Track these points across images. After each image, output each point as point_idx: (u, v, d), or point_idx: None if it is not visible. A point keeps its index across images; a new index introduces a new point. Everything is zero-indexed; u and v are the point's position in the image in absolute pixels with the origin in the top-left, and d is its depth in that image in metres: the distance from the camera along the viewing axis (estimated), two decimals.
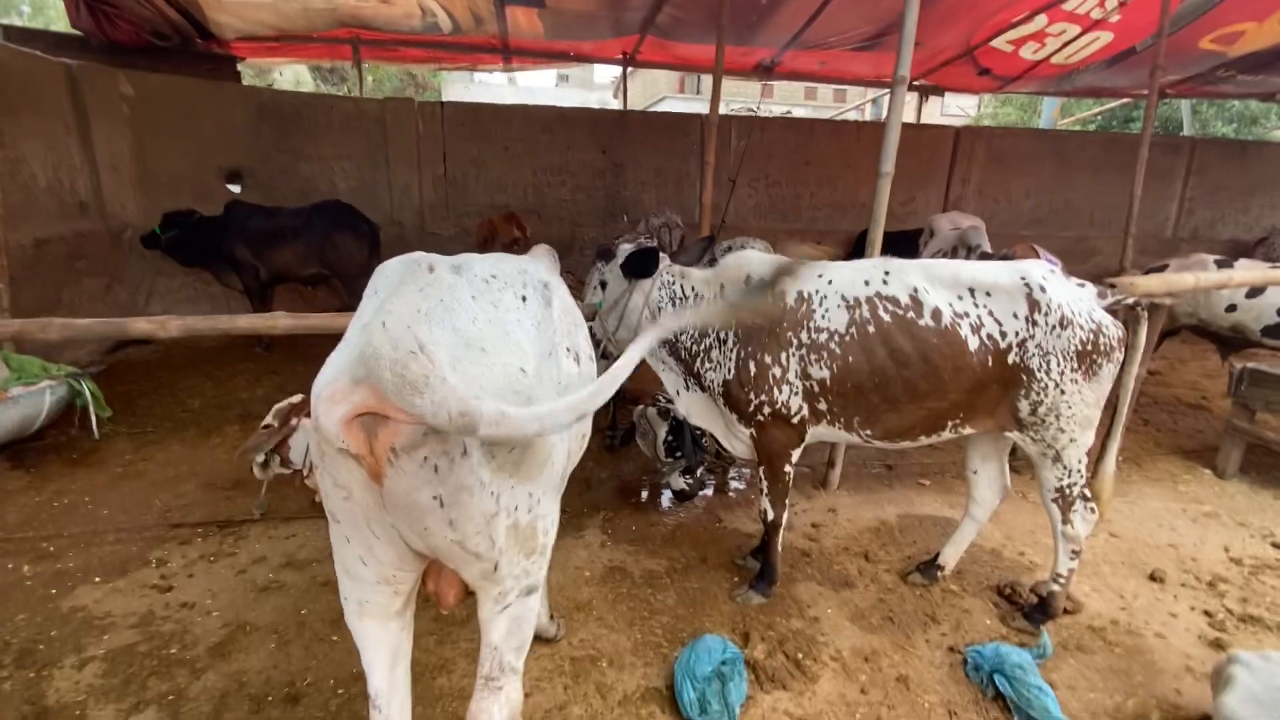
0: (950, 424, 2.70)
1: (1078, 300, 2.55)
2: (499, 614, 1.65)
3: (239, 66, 8.57)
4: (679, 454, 3.83)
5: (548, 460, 1.64)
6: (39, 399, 3.98)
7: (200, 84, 7.47)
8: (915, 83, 9.46)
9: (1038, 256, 4.72)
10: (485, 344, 1.48)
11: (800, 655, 2.67)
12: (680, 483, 3.88)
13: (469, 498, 1.44)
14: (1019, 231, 9.16)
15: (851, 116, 15.75)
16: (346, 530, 1.52)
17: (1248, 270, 4.36)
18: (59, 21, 10.87)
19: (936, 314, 2.56)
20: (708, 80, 5.52)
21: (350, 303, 6.39)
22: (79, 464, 4.18)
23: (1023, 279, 2.56)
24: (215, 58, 8.02)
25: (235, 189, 7.69)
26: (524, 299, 1.71)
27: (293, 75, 22.07)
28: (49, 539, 3.36)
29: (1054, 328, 2.50)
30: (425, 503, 1.42)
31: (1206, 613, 3.04)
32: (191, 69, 7.62)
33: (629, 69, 9.30)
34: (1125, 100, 10.99)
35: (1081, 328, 2.50)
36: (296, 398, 3.65)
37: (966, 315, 2.56)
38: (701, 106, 6.14)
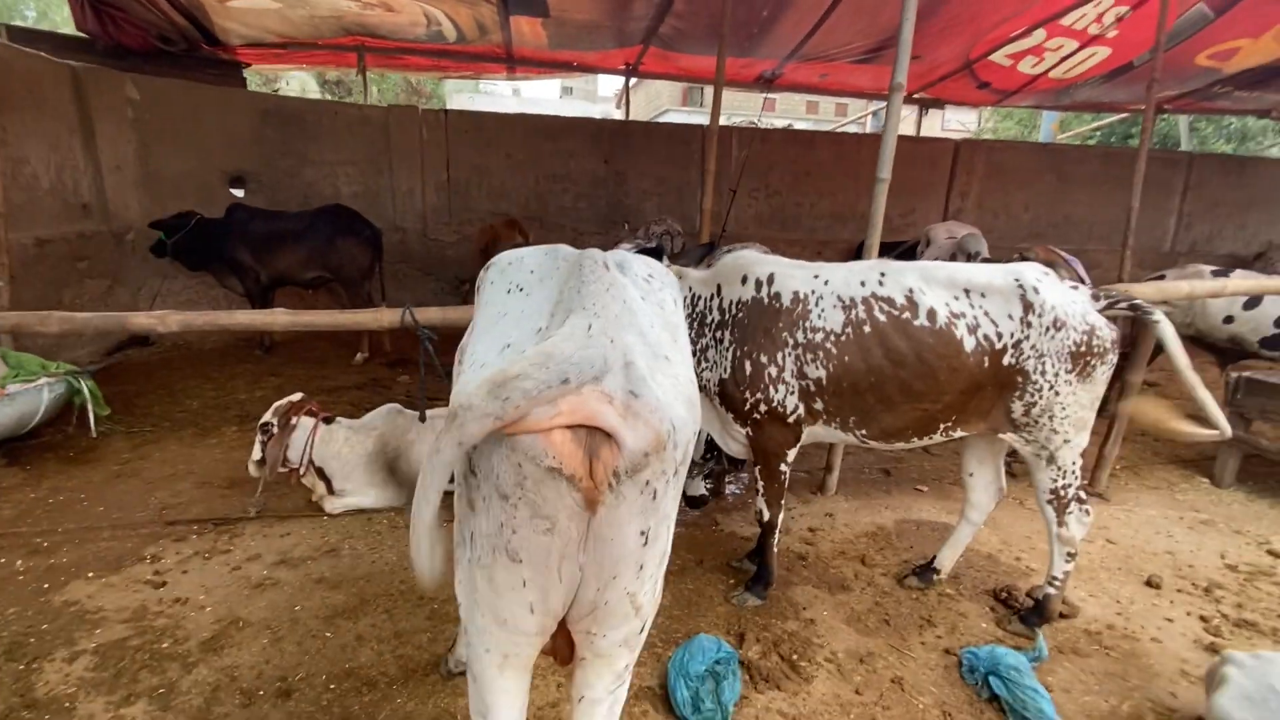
0: (942, 426, 2.71)
1: (1071, 302, 2.56)
2: (610, 693, 1.47)
3: (245, 74, 8.65)
4: (707, 455, 3.67)
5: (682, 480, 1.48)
6: (36, 396, 3.98)
7: (205, 88, 7.54)
8: (915, 95, 9.54)
9: (1060, 260, 4.69)
10: (666, 350, 1.36)
11: (795, 656, 2.66)
12: (700, 488, 3.72)
13: (665, 531, 1.28)
14: (1017, 245, 9.20)
15: (852, 130, 15.85)
16: (528, 572, 1.26)
17: (1242, 279, 4.37)
18: (65, 26, 10.98)
19: (932, 314, 2.57)
20: (711, 93, 5.57)
21: (351, 306, 6.43)
22: (75, 461, 4.18)
23: (1016, 280, 2.58)
24: (221, 63, 8.10)
25: (239, 193, 7.74)
26: (675, 301, 1.59)
27: (299, 86, 22.24)
28: (43, 534, 3.35)
29: (1048, 329, 2.51)
30: (631, 540, 1.24)
31: (1202, 618, 3.03)
32: (197, 74, 7.70)
33: (632, 80, 9.38)
34: (1124, 116, 11.09)
35: (1075, 329, 2.51)
36: (296, 396, 3.67)
37: (962, 315, 2.58)
38: (704, 119, 6.21)
